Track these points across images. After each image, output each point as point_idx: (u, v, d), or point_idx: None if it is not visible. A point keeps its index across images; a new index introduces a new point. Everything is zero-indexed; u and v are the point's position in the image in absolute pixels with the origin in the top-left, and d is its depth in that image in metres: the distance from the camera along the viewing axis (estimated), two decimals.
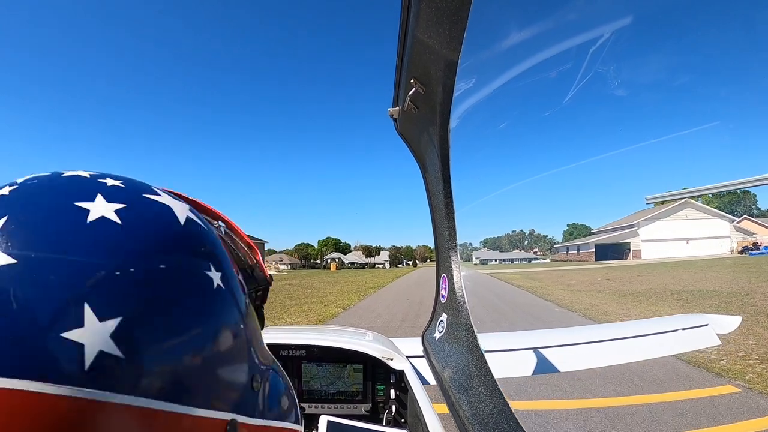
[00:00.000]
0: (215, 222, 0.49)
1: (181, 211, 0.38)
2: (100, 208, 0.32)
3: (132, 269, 0.31)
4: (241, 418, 0.38)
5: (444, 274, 1.21)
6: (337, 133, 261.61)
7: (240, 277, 0.42)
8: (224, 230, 0.49)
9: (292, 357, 1.55)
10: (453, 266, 1.13)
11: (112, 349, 0.28)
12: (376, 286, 21.59)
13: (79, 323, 0.27)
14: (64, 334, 0.26)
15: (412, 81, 0.80)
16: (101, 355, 0.27)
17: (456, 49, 0.65)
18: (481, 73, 0.83)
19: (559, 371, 1.71)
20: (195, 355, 0.33)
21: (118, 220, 0.32)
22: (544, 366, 1.72)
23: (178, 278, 0.34)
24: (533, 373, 1.71)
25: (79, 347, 0.27)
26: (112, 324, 0.28)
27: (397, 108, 0.95)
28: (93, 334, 0.27)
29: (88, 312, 0.27)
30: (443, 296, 1.24)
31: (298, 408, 0.52)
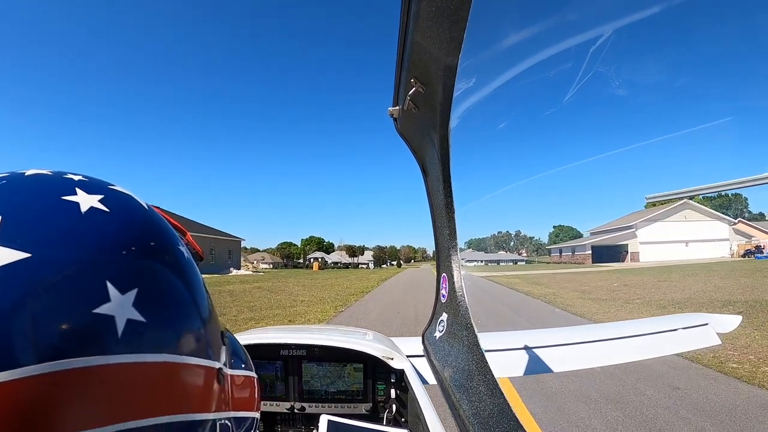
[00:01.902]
0: None
1: (139, 198, 0.43)
2: (86, 200, 0.36)
3: (133, 248, 0.35)
4: (223, 368, 0.45)
5: (444, 274, 1.22)
6: (323, 131, 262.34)
7: None
8: None
9: (293, 356, 1.55)
10: (453, 266, 1.13)
11: (136, 316, 0.32)
12: (358, 292, 18.21)
13: (106, 298, 0.31)
14: (96, 310, 0.30)
15: (412, 80, 0.80)
16: (129, 323, 0.32)
17: (456, 49, 0.65)
18: (481, 73, 0.83)
19: (559, 371, 1.71)
20: (191, 313, 0.39)
21: (105, 209, 0.36)
22: (544, 365, 1.72)
23: (166, 252, 0.39)
24: (533, 373, 1.71)
25: (110, 318, 0.31)
26: (131, 294, 0.33)
27: (398, 107, 0.95)
28: (119, 305, 0.31)
29: (111, 288, 0.32)
30: (443, 295, 1.24)
31: (250, 361, 0.59)
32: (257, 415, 0.55)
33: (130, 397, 0.31)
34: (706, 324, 1.98)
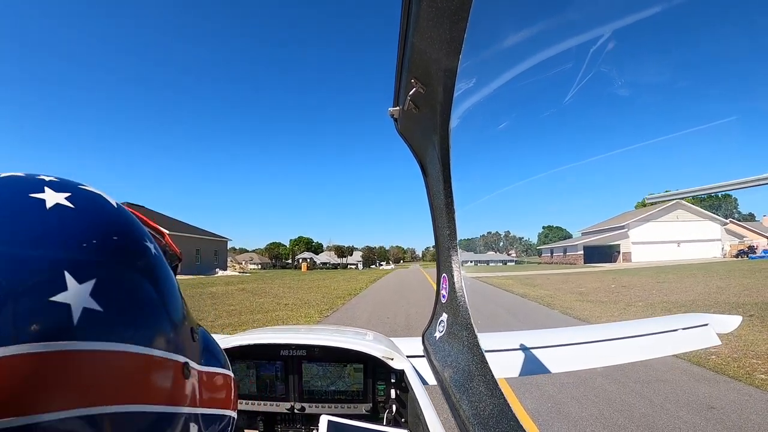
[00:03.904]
0: None
1: (109, 197, 0.44)
2: (53, 197, 0.37)
3: (94, 241, 0.37)
4: (191, 363, 0.46)
5: (444, 274, 1.21)
6: (314, 132, 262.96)
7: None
8: None
9: (293, 357, 1.54)
10: (453, 266, 1.13)
11: (93, 305, 0.33)
12: (346, 294, 17.14)
13: (63, 287, 0.32)
14: (53, 298, 0.31)
15: (412, 81, 0.80)
16: (85, 311, 0.33)
17: (456, 49, 0.65)
18: (481, 73, 0.83)
19: (560, 371, 1.71)
20: (154, 306, 0.40)
21: (71, 205, 0.38)
22: (544, 366, 1.72)
23: (129, 247, 0.40)
24: (534, 373, 1.72)
25: (66, 307, 0.32)
26: (89, 285, 0.34)
27: (398, 108, 0.95)
28: (76, 294, 0.33)
29: (68, 277, 0.33)
30: (444, 296, 1.24)
31: (227, 360, 0.59)
32: (233, 414, 0.55)
33: (85, 384, 0.32)
34: (707, 324, 1.99)
